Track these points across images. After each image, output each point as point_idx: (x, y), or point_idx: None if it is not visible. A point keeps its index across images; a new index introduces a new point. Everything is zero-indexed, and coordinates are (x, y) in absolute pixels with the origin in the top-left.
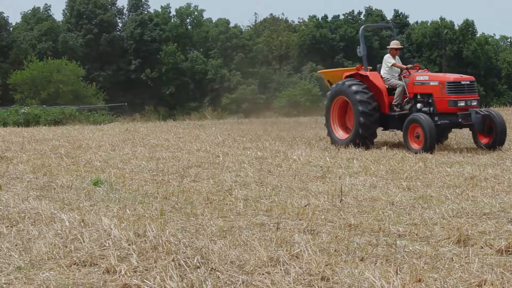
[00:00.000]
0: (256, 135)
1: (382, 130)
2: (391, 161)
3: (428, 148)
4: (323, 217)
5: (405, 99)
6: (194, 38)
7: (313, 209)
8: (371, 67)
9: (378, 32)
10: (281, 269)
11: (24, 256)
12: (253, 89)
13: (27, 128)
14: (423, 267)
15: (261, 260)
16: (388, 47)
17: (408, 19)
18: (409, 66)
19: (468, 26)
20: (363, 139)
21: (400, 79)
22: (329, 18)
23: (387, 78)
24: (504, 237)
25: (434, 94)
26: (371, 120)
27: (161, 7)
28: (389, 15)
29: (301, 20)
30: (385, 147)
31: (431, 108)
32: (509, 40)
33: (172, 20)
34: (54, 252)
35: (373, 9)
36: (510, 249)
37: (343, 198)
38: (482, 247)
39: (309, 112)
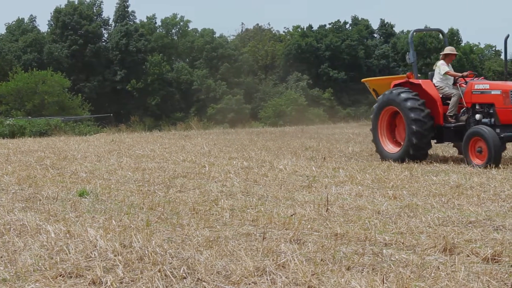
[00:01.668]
0: (242, 145)
1: (436, 143)
2: (377, 170)
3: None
4: (309, 226)
5: (462, 110)
6: (179, 48)
7: (299, 219)
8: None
9: (363, 41)
10: (267, 279)
11: (10, 268)
12: (239, 99)
13: (13, 139)
14: (409, 276)
15: (248, 270)
16: (441, 53)
17: (394, 29)
18: (465, 73)
19: (453, 35)
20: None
21: (454, 87)
22: (315, 28)
23: (441, 87)
24: (490, 245)
25: (496, 104)
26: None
27: (147, 17)
28: (375, 25)
29: (286, 30)
30: (371, 156)
31: (492, 119)
32: (494, 48)
33: (158, 31)
34: (40, 264)
35: (359, 18)
36: (496, 257)
37: (329, 208)
38: (468, 256)
39: (295, 121)
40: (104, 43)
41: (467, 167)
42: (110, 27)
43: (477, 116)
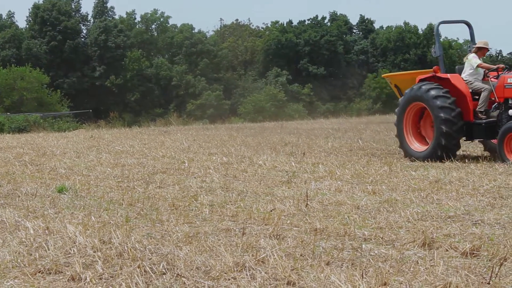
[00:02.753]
0: (221, 140)
1: (465, 140)
2: (356, 165)
3: None
4: (288, 222)
5: (493, 105)
6: (159, 44)
7: (279, 214)
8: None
9: (343, 37)
10: (247, 274)
11: None
12: (218, 94)
13: None
14: (388, 271)
15: (227, 265)
16: (473, 45)
17: (374, 24)
18: (496, 66)
19: (432, 30)
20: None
21: (484, 82)
22: (294, 23)
23: (470, 81)
24: (468, 239)
25: None
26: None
27: (126, 13)
28: (353, 20)
29: (264, 26)
30: (351, 151)
31: None
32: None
33: (137, 26)
34: (19, 260)
35: (338, 14)
36: (474, 252)
37: (308, 203)
38: (447, 250)
39: (274, 117)
40: (83, 39)
41: (445, 162)
42: (88, 23)
43: (511, 112)
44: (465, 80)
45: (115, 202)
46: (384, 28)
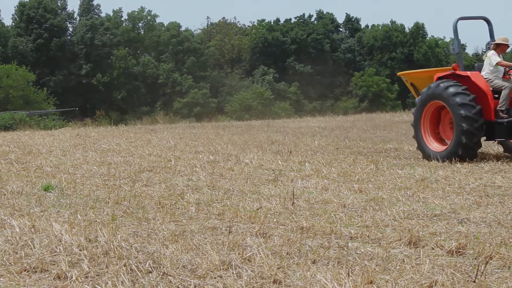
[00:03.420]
0: (208, 139)
1: (486, 140)
2: (342, 163)
3: None
4: (275, 220)
5: None
6: (146, 42)
7: (265, 212)
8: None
9: (329, 35)
10: (233, 273)
11: None
12: (205, 93)
13: None
14: (374, 269)
15: (213, 264)
16: (492, 42)
17: (360, 23)
18: None
19: (419, 29)
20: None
21: (505, 80)
22: (281, 22)
23: (490, 79)
24: (454, 238)
25: None
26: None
27: (113, 11)
28: (340, 19)
29: (251, 24)
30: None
31: None
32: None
33: (124, 24)
34: (4, 259)
35: (324, 12)
36: (460, 250)
37: (295, 201)
38: (433, 248)
39: (261, 115)
40: (69, 37)
41: (432, 160)
42: (75, 21)
43: None
44: (485, 78)
45: (101, 200)
46: (370, 27)
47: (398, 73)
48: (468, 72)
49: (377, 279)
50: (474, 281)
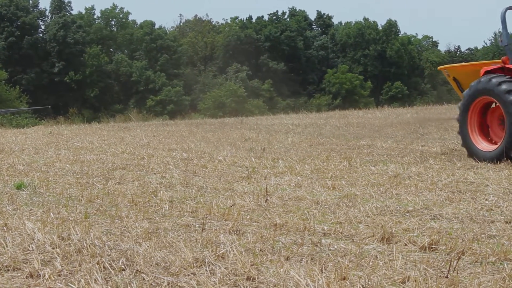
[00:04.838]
0: (181, 136)
1: None
2: (316, 160)
3: None
4: (248, 217)
5: None
6: (119, 40)
7: (239, 210)
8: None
9: (302, 32)
10: (206, 270)
11: None
12: (178, 90)
13: None
14: (347, 265)
15: (187, 261)
16: None
17: (332, 20)
18: None
19: (391, 26)
20: None
21: None
22: (254, 19)
23: None
24: (427, 234)
25: None
26: None
27: (85, 8)
28: (312, 16)
29: (224, 21)
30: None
31: None
32: (431, 39)
33: (97, 22)
34: None
35: (297, 9)
36: (433, 246)
37: (268, 198)
38: (405, 244)
39: (235, 113)
40: (41, 35)
41: (404, 157)
42: (47, 19)
43: None
44: None
45: (74, 198)
46: (343, 24)
47: (439, 67)
48: None
49: (350, 275)
50: (447, 277)
